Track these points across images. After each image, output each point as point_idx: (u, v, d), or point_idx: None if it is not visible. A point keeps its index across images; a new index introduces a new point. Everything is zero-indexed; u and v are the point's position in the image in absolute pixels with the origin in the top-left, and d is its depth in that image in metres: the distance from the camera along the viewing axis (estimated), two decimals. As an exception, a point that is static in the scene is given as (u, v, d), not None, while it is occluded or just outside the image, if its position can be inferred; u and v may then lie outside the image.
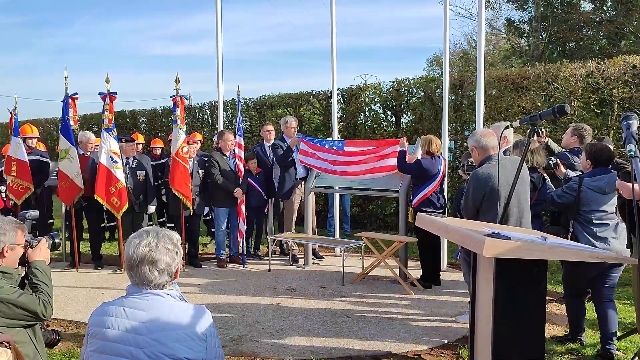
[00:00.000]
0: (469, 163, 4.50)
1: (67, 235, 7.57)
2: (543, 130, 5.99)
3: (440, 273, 6.12)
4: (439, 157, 5.87)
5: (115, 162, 6.49)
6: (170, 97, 6.76)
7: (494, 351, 2.19)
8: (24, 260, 2.65)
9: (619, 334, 4.37)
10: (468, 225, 2.69)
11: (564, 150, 5.46)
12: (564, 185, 4.28)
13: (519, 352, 2.19)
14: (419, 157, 6.03)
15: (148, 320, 1.92)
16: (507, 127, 3.41)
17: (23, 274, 2.66)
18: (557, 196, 4.16)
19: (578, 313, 4.26)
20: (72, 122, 6.81)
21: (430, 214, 2.91)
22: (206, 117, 12.82)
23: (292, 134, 7.14)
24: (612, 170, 4.09)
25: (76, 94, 6.98)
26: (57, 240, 2.86)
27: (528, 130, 2.79)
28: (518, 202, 3.56)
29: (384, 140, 6.83)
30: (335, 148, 6.67)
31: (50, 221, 8.01)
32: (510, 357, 2.19)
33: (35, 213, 3.10)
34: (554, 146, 5.59)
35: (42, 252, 2.70)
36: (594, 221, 4.01)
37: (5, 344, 2.10)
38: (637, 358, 3.58)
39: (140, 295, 1.98)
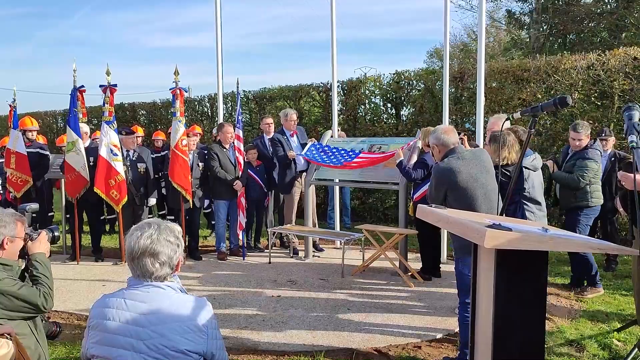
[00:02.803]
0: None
1: (67, 228, 7.59)
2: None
3: (440, 265, 6.13)
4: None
5: (115, 154, 6.48)
6: (170, 89, 6.74)
7: (495, 341, 2.19)
8: (24, 253, 2.65)
9: (618, 325, 4.40)
10: (469, 216, 2.68)
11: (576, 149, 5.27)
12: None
13: (520, 342, 2.20)
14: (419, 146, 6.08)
15: (149, 312, 1.92)
16: (507, 119, 3.41)
17: (23, 267, 2.67)
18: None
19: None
20: (81, 115, 6.77)
21: (432, 206, 2.89)
22: (206, 109, 12.80)
23: (291, 127, 7.12)
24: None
25: (83, 86, 6.88)
26: (56, 234, 2.87)
27: (530, 122, 2.77)
28: (485, 194, 3.54)
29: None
30: (345, 160, 6.48)
31: (50, 214, 8.02)
32: (511, 347, 2.19)
33: (35, 206, 3.10)
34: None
35: (42, 244, 2.70)
36: (537, 199, 4.34)
37: (7, 335, 2.10)
38: (636, 349, 3.60)
39: (141, 287, 1.98)
